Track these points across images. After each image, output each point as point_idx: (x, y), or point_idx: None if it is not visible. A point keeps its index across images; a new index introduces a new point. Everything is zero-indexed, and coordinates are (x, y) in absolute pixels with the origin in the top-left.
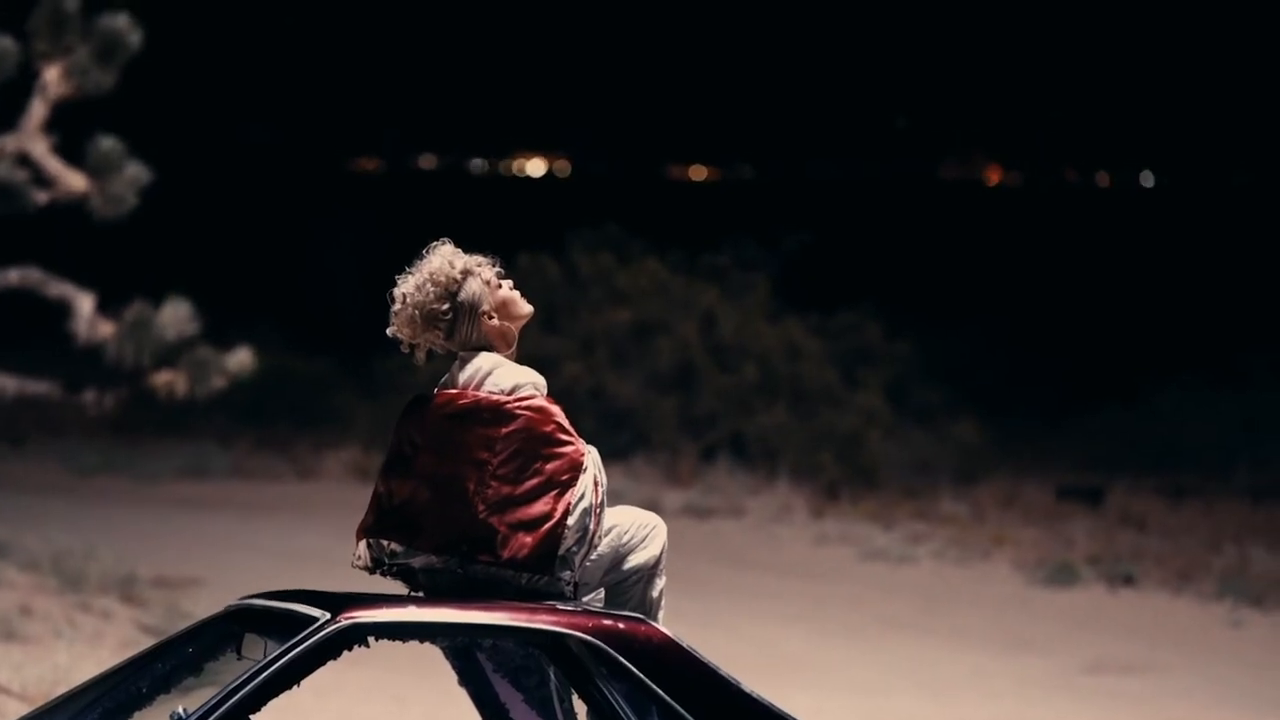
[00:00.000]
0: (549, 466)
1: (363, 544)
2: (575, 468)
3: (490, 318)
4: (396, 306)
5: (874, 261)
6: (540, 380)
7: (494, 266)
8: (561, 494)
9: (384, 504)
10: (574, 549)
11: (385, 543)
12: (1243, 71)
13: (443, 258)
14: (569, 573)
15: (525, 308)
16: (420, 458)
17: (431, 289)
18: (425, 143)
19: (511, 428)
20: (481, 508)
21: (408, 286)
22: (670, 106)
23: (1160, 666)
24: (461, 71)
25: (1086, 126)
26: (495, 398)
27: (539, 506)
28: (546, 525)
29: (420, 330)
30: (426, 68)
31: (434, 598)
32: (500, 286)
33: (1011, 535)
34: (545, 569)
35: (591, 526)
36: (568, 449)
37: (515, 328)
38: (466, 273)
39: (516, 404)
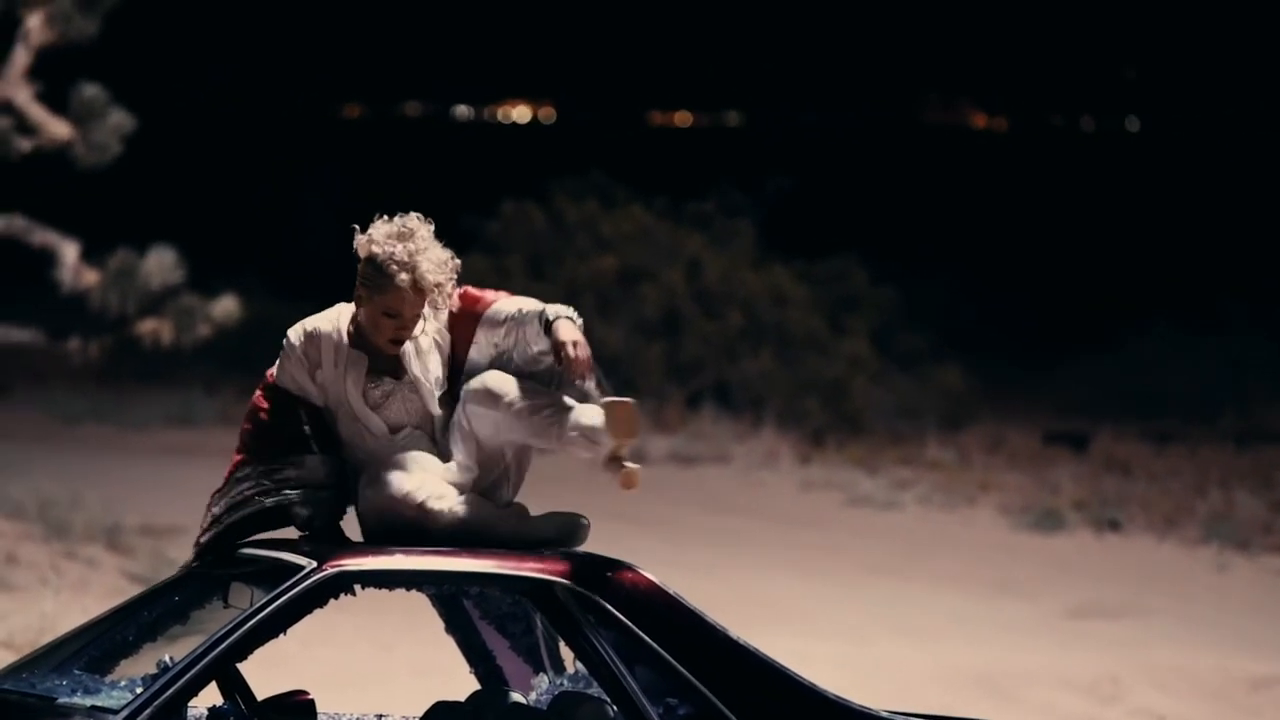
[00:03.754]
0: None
1: None
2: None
3: (364, 301)
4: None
5: (859, 207)
6: (298, 330)
7: (437, 300)
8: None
9: None
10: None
11: None
12: (1227, 16)
13: (430, 254)
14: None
15: (383, 335)
16: None
17: (385, 242)
18: (410, 90)
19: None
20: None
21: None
22: (655, 53)
23: (1145, 610)
24: (447, 18)
25: (1072, 71)
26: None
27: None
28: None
29: None
30: (412, 14)
31: (420, 545)
32: (396, 312)
33: (997, 481)
34: (202, 553)
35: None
36: (254, 415)
37: (373, 332)
38: (405, 266)
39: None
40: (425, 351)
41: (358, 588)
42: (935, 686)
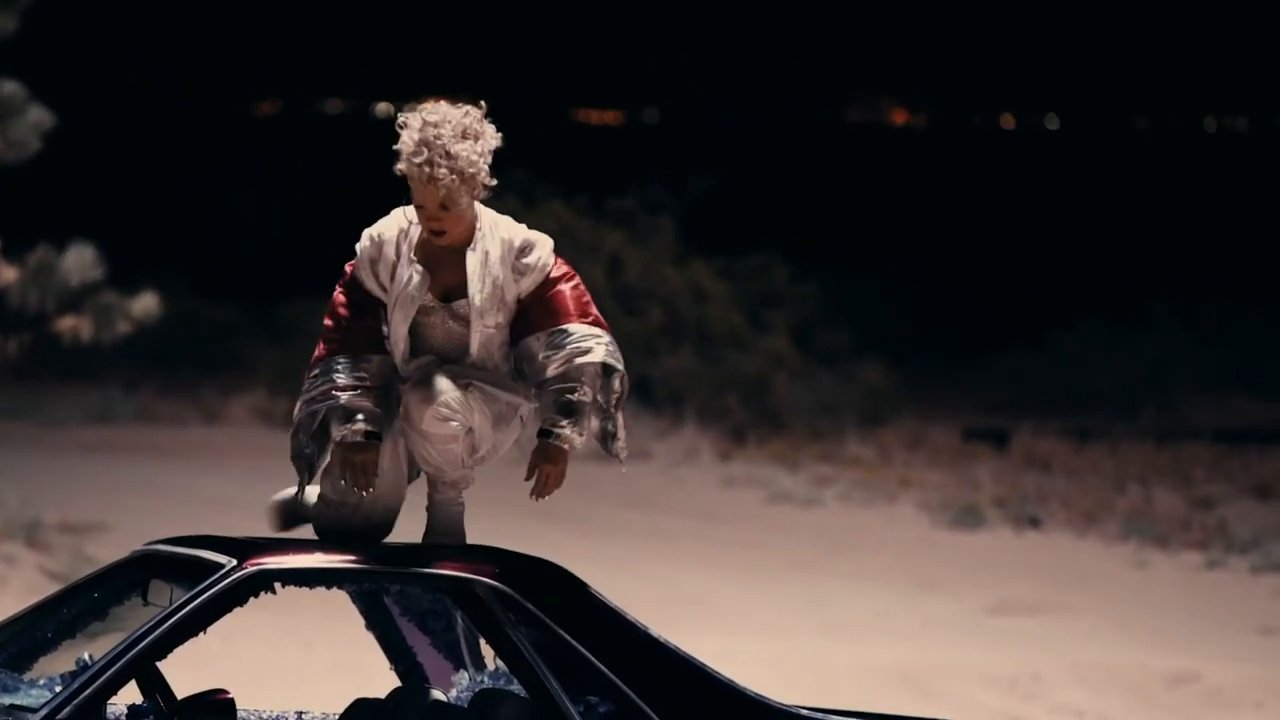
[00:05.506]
0: None
1: None
2: None
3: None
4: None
5: (780, 204)
6: (367, 235)
7: (458, 199)
8: None
9: None
10: None
11: None
12: (1146, 15)
13: (451, 147)
14: None
15: (422, 224)
16: None
17: (406, 133)
18: (330, 87)
19: None
20: None
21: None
22: (577, 49)
23: (1065, 607)
24: (367, 14)
25: (991, 69)
26: None
27: None
28: None
29: None
30: (332, 10)
31: (341, 544)
32: (420, 204)
33: (917, 477)
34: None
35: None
36: (334, 311)
37: (418, 219)
38: (413, 161)
39: None
40: (490, 274)
41: (278, 586)
42: (856, 682)
